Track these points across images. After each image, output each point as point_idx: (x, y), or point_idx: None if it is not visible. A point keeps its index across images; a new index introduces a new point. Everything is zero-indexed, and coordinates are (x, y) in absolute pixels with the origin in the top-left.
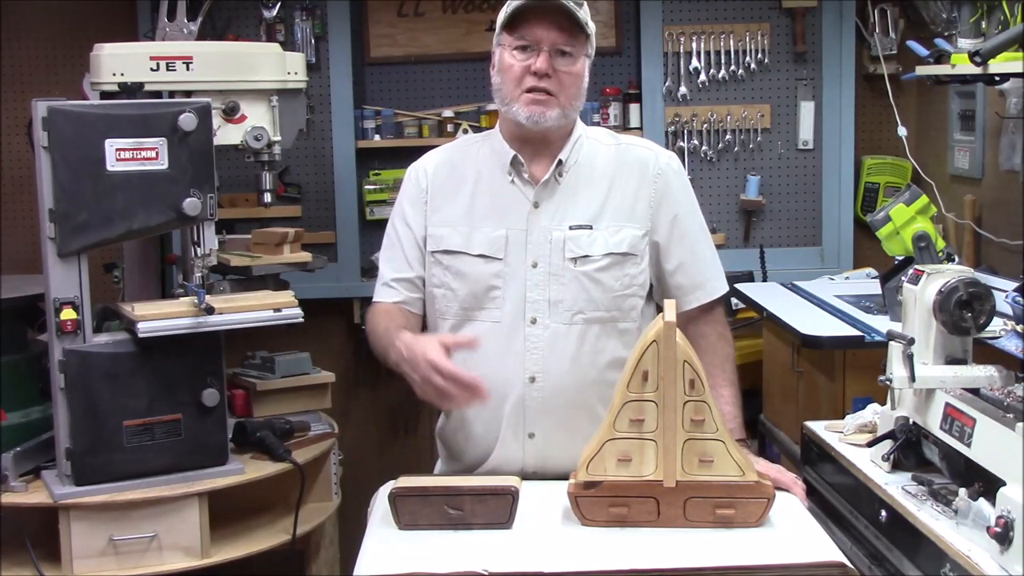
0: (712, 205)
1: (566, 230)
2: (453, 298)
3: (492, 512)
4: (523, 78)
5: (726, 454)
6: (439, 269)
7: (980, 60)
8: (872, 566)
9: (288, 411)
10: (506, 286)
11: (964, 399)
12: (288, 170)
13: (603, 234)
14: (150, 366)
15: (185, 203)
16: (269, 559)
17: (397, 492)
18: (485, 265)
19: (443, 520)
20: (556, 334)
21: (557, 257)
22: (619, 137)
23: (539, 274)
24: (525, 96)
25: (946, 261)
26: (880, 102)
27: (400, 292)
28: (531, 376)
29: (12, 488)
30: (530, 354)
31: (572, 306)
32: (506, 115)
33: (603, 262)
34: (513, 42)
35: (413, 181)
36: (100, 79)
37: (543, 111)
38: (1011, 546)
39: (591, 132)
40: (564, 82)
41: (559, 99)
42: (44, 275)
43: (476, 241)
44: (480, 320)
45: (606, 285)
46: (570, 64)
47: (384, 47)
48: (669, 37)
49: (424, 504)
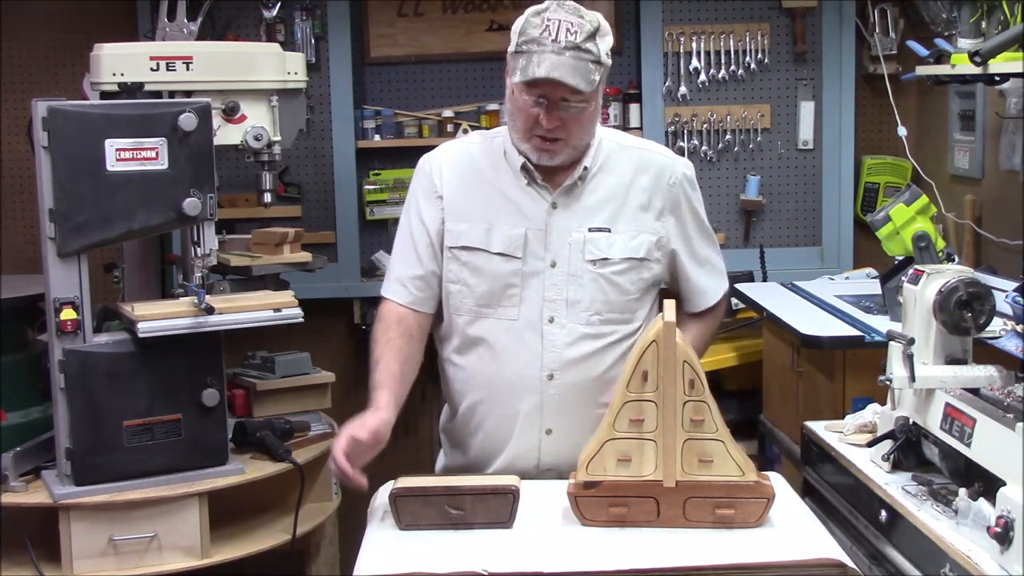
0: (712, 205)
1: (585, 231)
2: (469, 294)
3: (493, 511)
4: (534, 125)
5: (726, 454)
6: (456, 265)
7: (980, 60)
8: (872, 566)
9: (288, 411)
10: (524, 285)
11: (964, 399)
12: (288, 170)
13: (622, 238)
14: (150, 366)
15: (185, 203)
16: (269, 559)
17: (397, 492)
18: (504, 263)
19: (444, 520)
20: (573, 334)
21: (576, 258)
22: (638, 141)
23: (558, 274)
24: (535, 140)
25: (946, 261)
26: (880, 102)
27: (410, 292)
28: (549, 374)
29: (12, 488)
30: (548, 352)
31: (590, 306)
32: (516, 144)
33: (621, 266)
34: (524, 88)
35: (426, 175)
36: (100, 79)
37: (551, 155)
38: (1011, 546)
39: (608, 135)
40: (572, 129)
41: (568, 142)
42: (44, 275)
43: (496, 238)
44: (495, 318)
45: (623, 288)
46: (579, 112)
47: (384, 47)
48: (669, 37)
49: (425, 504)
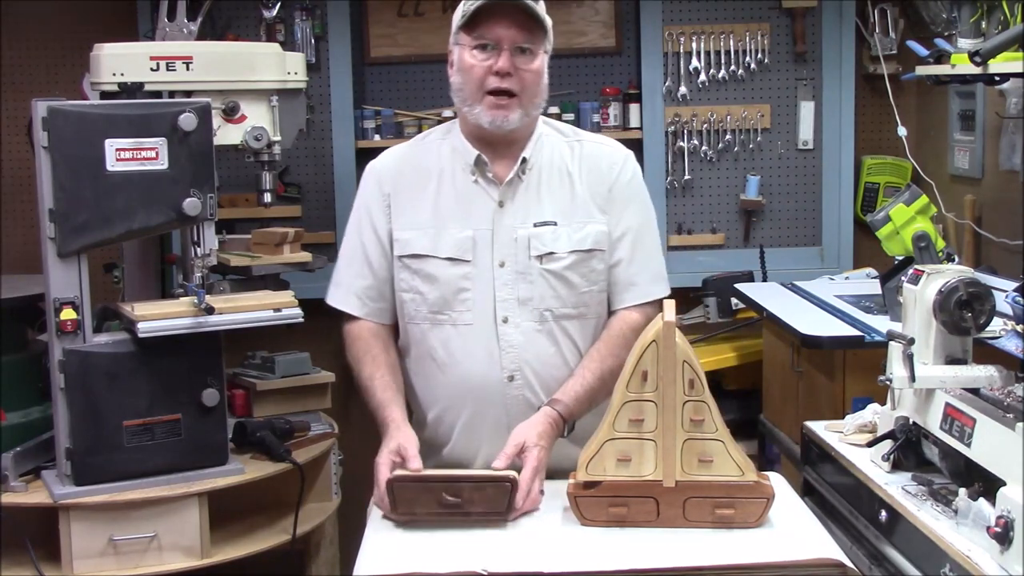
0: (712, 205)
1: (530, 227)
2: (422, 302)
3: (490, 501)
4: (485, 79)
5: (725, 454)
6: (407, 274)
7: (980, 60)
8: (872, 566)
9: (288, 411)
10: (475, 287)
11: (964, 399)
12: (288, 170)
13: (567, 230)
14: (150, 366)
15: (185, 203)
16: (269, 559)
17: (395, 479)
18: (453, 268)
19: (440, 508)
20: (528, 332)
21: (523, 255)
22: (580, 133)
23: (507, 273)
24: (488, 99)
25: (946, 261)
26: (880, 102)
27: (365, 304)
28: (509, 375)
29: (12, 488)
30: (505, 353)
31: (540, 303)
32: (467, 116)
33: (569, 260)
34: (472, 41)
35: (373, 182)
36: (100, 79)
37: (505, 115)
38: (1011, 546)
39: (552, 127)
40: (526, 80)
41: (521, 99)
42: (44, 275)
43: (443, 243)
44: (451, 323)
45: (573, 283)
46: (530, 61)
47: (384, 47)
48: (669, 37)
49: (422, 491)
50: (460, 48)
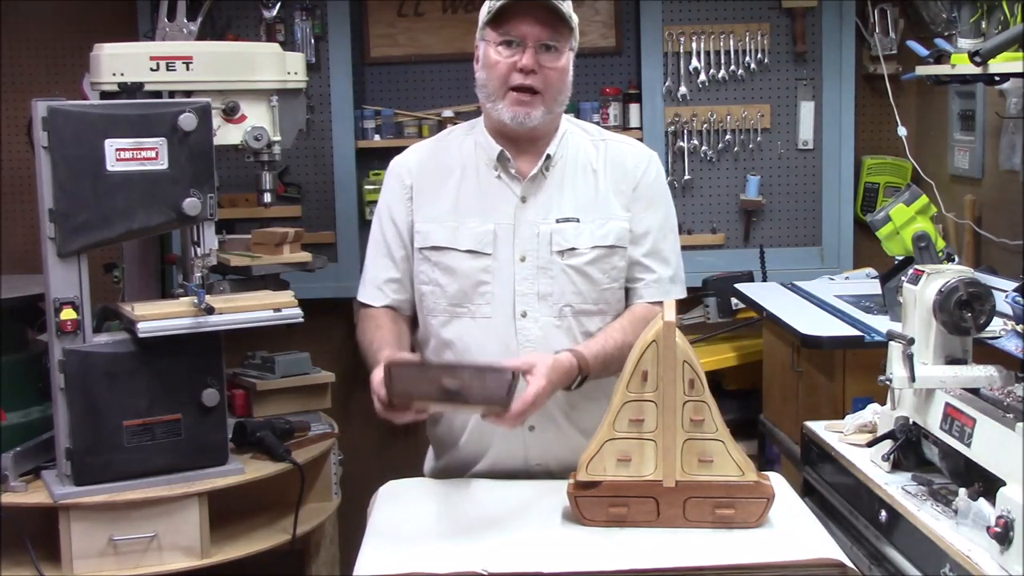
0: (712, 205)
1: (552, 223)
2: (441, 295)
3: (490, 388)
4: (509, 75)
5: (725, 454)
6: (427, 266)
7: (980, 60)
8: (872, 566)
9: (288, 411)
10: (495, 281)
11: (964, 399)
12: (288, 170)
13: (589, 227)
14: (150, 366)
15: (185, 203)
16: (269, 559)
17: (393, 364)
18: (473, 261)
19: (438, 395)
20: (546, 327)
21: (544, 250)
22: (604, 133)
23: (527, 268)
24: (511, 95)
25: (946, 261)
26: (880, 102)
27: (387, 295)
28: None
29: (12, 488)
30: (523, 347)
31: (560, 299)
32: (491, 112)
33: (590, 255)
34: (497, 38)
35: (396, 177)
36: (100, 79)
37: (528, 112)
38: (1011, 546)
39: (577, 125)
40: (550, 78)
41: (544, 97)
42: (44, 275)
43: (463, 236)
44: (470, 316)
45: (593, 279)
46: (555, 59)
47: (384, 47)
48: (669, 37)
49: (420, 375)
50: (485, 44)
